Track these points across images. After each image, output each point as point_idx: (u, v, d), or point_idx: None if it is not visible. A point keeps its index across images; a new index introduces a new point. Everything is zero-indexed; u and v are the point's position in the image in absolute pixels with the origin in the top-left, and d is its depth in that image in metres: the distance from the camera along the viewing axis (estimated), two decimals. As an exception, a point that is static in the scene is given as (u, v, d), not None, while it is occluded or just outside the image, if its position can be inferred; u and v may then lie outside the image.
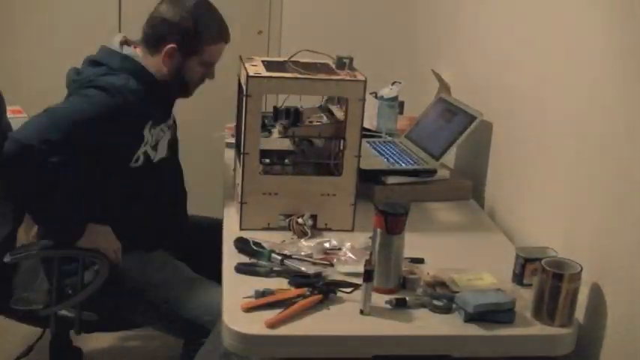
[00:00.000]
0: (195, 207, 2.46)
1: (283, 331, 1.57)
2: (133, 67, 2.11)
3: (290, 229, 2.01)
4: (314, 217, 2.03)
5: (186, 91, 2.23)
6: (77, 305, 2.11)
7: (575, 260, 1.66)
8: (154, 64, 2.14)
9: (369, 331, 1.61)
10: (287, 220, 2.02)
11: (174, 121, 2.34)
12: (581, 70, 1.84)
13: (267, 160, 2.14)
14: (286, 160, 2.18)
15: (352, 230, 2.05)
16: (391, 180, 2.30)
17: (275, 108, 2.15)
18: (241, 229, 2.02)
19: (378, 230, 1.74)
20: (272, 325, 1.57)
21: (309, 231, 1.99)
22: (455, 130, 2.41)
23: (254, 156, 1.99)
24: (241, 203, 2.02)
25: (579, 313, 1.70)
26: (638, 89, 1.58)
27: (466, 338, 1.62)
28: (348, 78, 2.00)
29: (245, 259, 1.86)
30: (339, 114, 2.17)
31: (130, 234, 2.12)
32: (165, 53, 2.11)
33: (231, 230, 2.02)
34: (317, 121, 2.17)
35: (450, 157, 2.58)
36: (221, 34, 2.17)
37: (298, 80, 1.98)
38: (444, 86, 2.80)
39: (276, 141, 2.26)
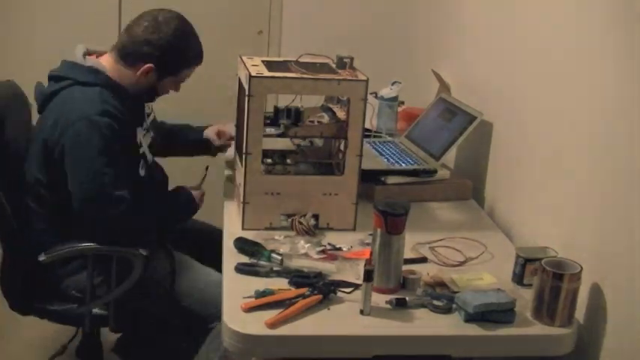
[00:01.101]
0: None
1: (283, 331, 1.57)
2: (103, 80, 2.10)
3: (292, 229, 2.01)
4: (316, 217, 2.03)
5: (151, 100, 2.28)
6: (111, 303, 2.14)
7: (575, 260, 1.66)
8: (125, 75, 2.14)
9: (369, 331, 1.61)
10: (289, 220, 2.02)
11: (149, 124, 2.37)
12: (581, 70, 1.84)
13: (270, 160, 2.14)
14: (288, 160, 2.18)
15: (354, 229, 2.05)
16: (391, 180, 2.30)
17: (276, 108, 2.16)
18: (243, 228, 2.02)
19: (378, 230, 1.74)
20: (272, 325, 1.57)
21: (311, 230, 1.99)
22: (455, 130, 2.41)
23: (256, 156, 1.99)
24: (243, 203, 2.02)
25: (579, 313, 1.70)
26: (638, 89, 1.58)
27: (466, 338, 1.62)
28: (350, 78, 2.00)
29: (245, 259, 1.86)
30: (340, 114, 2.17)
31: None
32: (143, 72, 2.12)
33: (231, 230, 2.02)
34: (318, 121, 2.17)
35: (450, 157, 2.58)
36: (198, 58, 2.21)
37: (300, 80, 1.99)
38: (444, 86, 2.80)
39: (277, 141, 2.26)
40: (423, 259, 1.91)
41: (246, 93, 1.95)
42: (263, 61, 2.11)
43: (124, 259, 2.08)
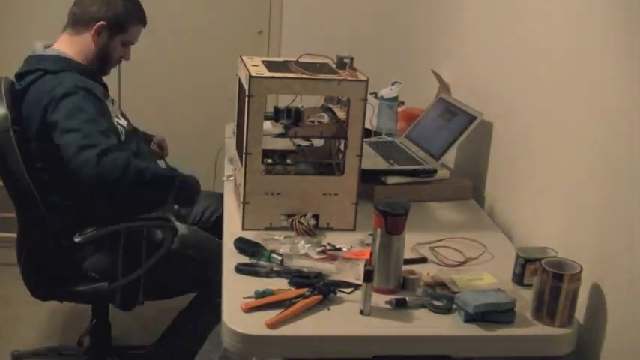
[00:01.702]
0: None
1: (283, 331, 1.57)
2: (68, 63, 2.25)
3: (292, 229, 2.01)
4: (316, 217, 2.03)
5: (104, 70, 2.40)
6: (143, 274, 2.23)
7: (575, 260, 1.66)
8: (81, 44, 2.30)
9: (369, 331, 1.61)
10: (289, 220, 2.02)
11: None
12: (581, 70, 1.84)
13: (270, 161, 2.14)
14: (288, 160, 2.18)
15: (354, 230, 2.05)
16: (391, 180, 2.30)
17: (276, 108, 2.16)
18: (244, 229, 2.02)
19: (378, 230, 1.74)
20: (272, 325, 1.57)
21: (311, 230, 1.99)
22: (455, 130, 2.41)
23: (256, 156, 1.98)
24: (243, 203, 2.02)
25: (579, 313, 1.70)
26: (638, 89, 1.58)
27: (466, 338, 1.62)
28: (350, 78, 2.00)
29: (245, 259, 1.86)
30: (340, 114, 2.17)
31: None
32: (95, 30, 2.28)
33: (232, 230, 2.02)
34: (318, 121, 2.17)
35: (450, 157, 2.58)
36: (143, 16, 2.40)
37: (300, 80, 1.99)
38: (444, 86, 2.80)
39: (277, 141, 2.26)
40: (423, 259, 1.91)
41: (247, 93, 1.95)
42: (263, 61, 2.11)
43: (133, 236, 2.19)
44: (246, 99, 1.95)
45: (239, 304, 1.63)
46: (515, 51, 2.26)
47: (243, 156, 1.99)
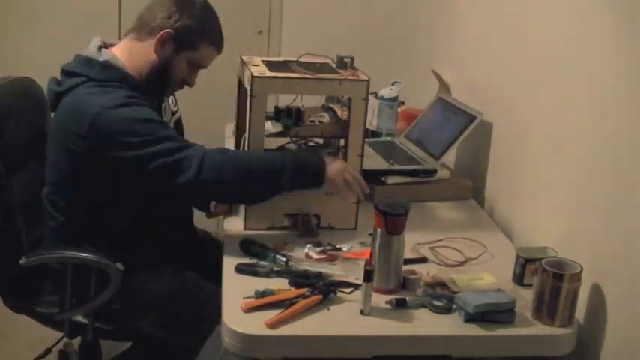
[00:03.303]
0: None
1: (283, 331, 1.57)
2: (118, 76, 2.00)
3: (294, 229, 2.01)
4: (317, 217, 2.03)
5: (162, 88, 2.11)
6: (90, 313, 2.09)
7: (575, 260, 1.66)
8: (141, 53, 2.03)
9: (369, 331, 1.61)
10: (291, 220, 2.02)
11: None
12: (581, 70, 1.84)
13: None
14: None
15: (355, 229, 2.05)
16: (391, 180, 2.30)
17: (276, 108, 2.15)
18: (245, 229, 2.02)
19: (378, 230, 1.74)
20: (272, 325, 1.57)
21: (313, 230, 1.99)
22: (455, 130, 2.41)
23: None
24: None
25: (579, 313, 1.70)
26: (637, 89, 1.58)
27: (466, 338, 1.62)
28: (352, 77, 2.00)
29: (245, 259, 1.86)
30: (341, 113, 2.17)
31: (146, 245, 2.08)
32: (160, 38, 2.00)
33: (233, 230, 2.02)
34: (318, 121, 2.16)
35: (450, 157, 2.58)
36: (220, 41, 2.11)
37: (302, 80, 1.99)
38: (444, 86, 2.80)
39: (278, 140, 2.25)
40: (423, 259, 1.91)
41: (249, 93, 1.95)
42: (263, 61, 2.10)
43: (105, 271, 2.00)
44: (248, 99, 1.95)
45: (239, 304, 1.63)
46: (515, 51, 2.26)
47: None
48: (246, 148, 1.99)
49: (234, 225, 2.05)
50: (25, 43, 3.50)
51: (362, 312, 1.64)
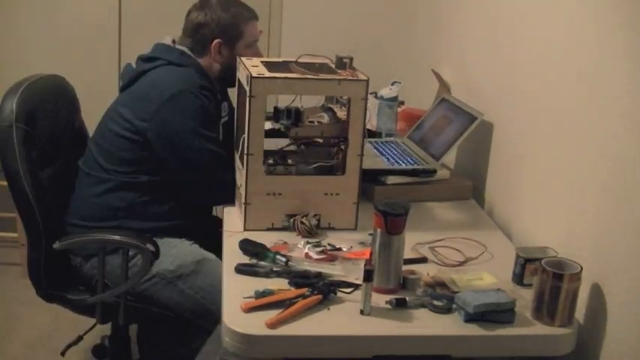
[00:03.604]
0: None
1: (283, 331, 1.57)
2: (193, 62, 2.28)
3: (294, 229, 2.01)
4: (317, 217, 2.03)
5: (233, 81, 2.31)
6: (122, 295, 2.16)
7: (575, 260, 1.66)
8: (205, 64, 2.31)
9: (369, 331, 1.61)
10: (291, 220, 2.02)
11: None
12: (581, 70, 1.84)
13: (272, 161, 2.13)
14: (289, 161, 2.17)
15: (355, 229, 2.05)
16: (391, 180, 2.30)
17: (276, 108, 2.16)
18: (245, 229, 2.02)
19: (378, 230, 1.74)
20: (272, 325, 1.57)
21: (313, 230, 1.99)
22: (455, 131, 2.41)
23: (258, 157, 1.98)
24: (245, 204, 2.01)
25: (579, 313, 1.70)
26: (637, 89, 1.58)
27: (466, 338, 1.62)
28: (351, 77, 2.00)
29: (245, 259, 1.86)
30: (340, 113, 2.17)
31: (178, 220, 2.25)
32: (214, 50, 2.30)
33: (232, 230, 2.02)
34: (318, 121, 2.17)
35: (450, 157, 2.58)
36: (251, 12, 2.38)
37: (301, 80, 1.99)
38: (444, 86, 2.80)
39: (276, 141, 2.25)
40: (423, 259, 1.91)
41: (248, 94, 1.95)
42: (262, 62, 2.11)
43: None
44: (247, 100, 1.95)
45: (239, 304, 1.63)
46: (515, 51, 2.26)
47: (245, 157, 1.99)
48: (245, 149, 1.99)
49: (234, 225, 2.06)
50: (25, 44, 3.50)
51: (362, 312, 1.64)
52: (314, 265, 1.83)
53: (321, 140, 2.29)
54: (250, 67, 2.03)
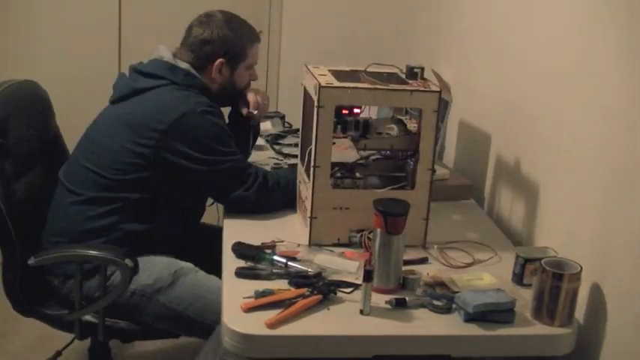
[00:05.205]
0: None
1: (283, 331, 1.57)
2: (198, 83, 2.21)
3: (361, 246, 1.93)
4: None
5: (235, 99, 2.36)
6: (101, 312, 2.10)
7: (575, 260, 1.66)
8: (204, 77, 2.24)
9: (369, 331, 1.61)
10: (358, 236, 1.95)
11: None
12: (581, 70, 1.84)
13: (339, 174, 2.05)
14: (357, 174, 2.09)
15: (424, 247, 1.98)
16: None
17: (344, 119, 2.02)
18: (310, 244, 1.95)
19: (378, 230, 1.74)
20: (272, 325, 1.57)
21: None
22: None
23: (325, 169, 1.91)
24: (311, 218, 1.94)
25: (579, 313, 1.70)
26: (637, 89, 1.59)
27: (466, 338, 1.62)
28: (422, 88, 1.92)
29: (240, 262, 1.84)
30: (410, 125, 2.08)
31: (147, 237, 2.15)
32: (215, 69, 2.24)
33: (293, 242, 1.96)
34: (386, 133, 2.06)
35: (450, 157, 2.58)
36: (255, 34, 2.32)
37: (372, 90, 1.89)
38: (444, 86, 2.80)
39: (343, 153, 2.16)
40: (423, 260, 1.91)
41: (316, 104, 1.87)
42: (330, 71, 2.02)
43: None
44: (315, 110, 1.87)
45: (239, 304, 1.63)
46: (515, 51, 2.26)
47: (311, 169, 1.92)
48: (312, 161, 1.92)
49: (298, 239, 1.98)
50: (25, 44, 3.50)
51: (362, 312, 1.64)
52: (314, 265, 1.82)
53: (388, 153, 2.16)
54: (318, 75, 1.95)
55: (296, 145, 2.73)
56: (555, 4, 2.02)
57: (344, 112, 1.99)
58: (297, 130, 2.79)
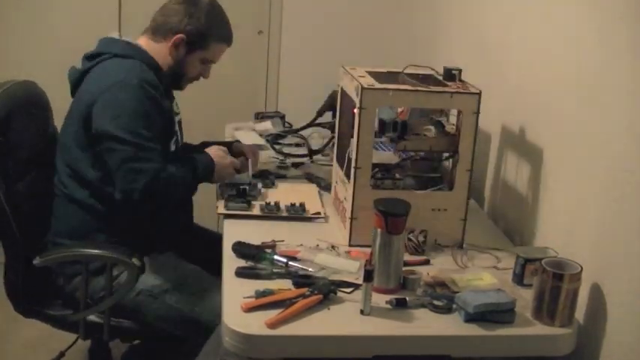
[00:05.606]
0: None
1: (283, 331, 1.57)
2: (141, 54, 2.15)
3: None
4: (424, 233, 1.95)
5: (178, 84, 2.27)
6: (106, 312, 2.09)
7: (575, 260, 1.66)
8: (157, 51, 2.18)
9: (369, 331, 1.61)
10: None
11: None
12: (582, 70, 1.84)
13: (380, 175, 2.05)
14: (397, 175, 2.09)
15: (462, 248, 1.98)
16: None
17: (381, 120, 2.03)
18: (350, 245, 1.96)
19: (378, 230, 1.74)
20: (272, 325, 1.57)
21: (420, 247, 1.93)
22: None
23: (366, 170, 1.92)
24: (351, 219, 1.95)
25: (579, 313, 1.70)
26: (637, 89, 1.59)
27: (466, 338, 1.62)
28: (462, 90, 1.94)
29: (240, 262, 1.84)
30: (448, 126, 2.09)
31: (147, 232, 2.14)
32: (173, 43, 2.17)
33: (332, 242, 1.96)
34: (424, 134, 2.07)
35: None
36: (228, 36, 2.26)
37: (413, 92, 1.90)
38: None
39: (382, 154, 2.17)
40: (425, 262, 1.91)
41: (358, 105, 1.87)
42: (368, 72, 2.03)
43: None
44: (357, 111, 1.87)
45: (239, 304, 1.63)
46: (515, 51, 2.26)
47: (352, 170, 1.92)
48: (352, 163, 1.93)
49: (336, 240, 1.98)
50: (25, 44, 3.50)
51: (362, 312, 1.64)
52: (315, 265, 1.82)
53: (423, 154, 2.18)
54: (358, 77, 1.95)
55: (296, 145, 2.75)
56: (556, 3, 2.02)
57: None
58: (297, 130, 2.81)
